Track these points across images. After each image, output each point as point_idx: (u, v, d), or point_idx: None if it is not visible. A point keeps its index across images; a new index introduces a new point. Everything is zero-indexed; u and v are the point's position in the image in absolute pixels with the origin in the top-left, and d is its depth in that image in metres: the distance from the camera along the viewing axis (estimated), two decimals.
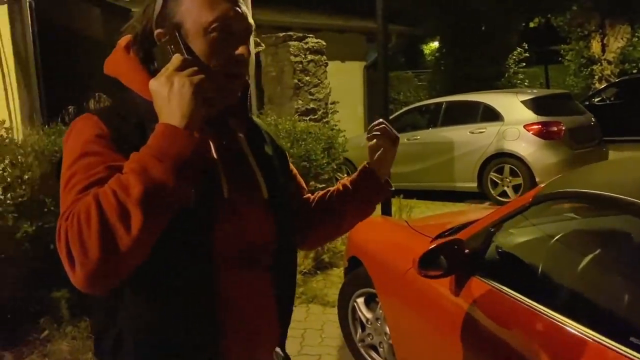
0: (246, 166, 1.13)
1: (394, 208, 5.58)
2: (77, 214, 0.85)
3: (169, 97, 0.91)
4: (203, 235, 1.01)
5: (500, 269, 1.93)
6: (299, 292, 4.18)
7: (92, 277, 0.84)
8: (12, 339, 3.15)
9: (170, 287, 1.02)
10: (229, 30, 1.01)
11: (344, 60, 10.45)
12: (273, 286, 1.14)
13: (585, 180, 1.83)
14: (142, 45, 1.05)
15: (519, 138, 6.64)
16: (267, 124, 4.52)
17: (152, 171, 0.86)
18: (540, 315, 1.65)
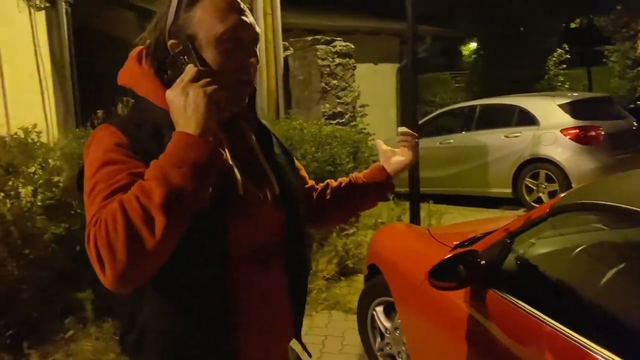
0: (257, 164, 1.19)
1: (423, 214, 5.49)
2: (104, 220, 0.91)
3: (185, 107, 0.96)
4: (217, 237, 1.06)
5: (516, 283, 1.85)
6: (321, 298, 4.15)
7: (121, 277, 0.90)
8: (38, 337, 3.22)
9: (187, 287, 1.07)
10: (238, 40, 1.07)
11: (377, 62, 10.37)
12: (286, 282, 1.20)
13: (606, 190, 1.74)
14: (155, 56, 1.09)
15: (555, 143, 6.43)
16: (292, 127, 4.53)
17: (172, 177, 0.92)
18: (556, 332, 1.57)
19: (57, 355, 3.14)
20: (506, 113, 7.14)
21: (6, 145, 3.39)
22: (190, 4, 1.06)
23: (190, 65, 1.01)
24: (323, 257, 4.45)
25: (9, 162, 3.21)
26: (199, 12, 1.06)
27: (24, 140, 3.46)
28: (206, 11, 1.05)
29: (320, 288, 4.29)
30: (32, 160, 3.32)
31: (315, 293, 4.23)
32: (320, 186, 1.47)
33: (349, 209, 1.50)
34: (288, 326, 1.23)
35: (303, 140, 4.39)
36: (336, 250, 4.65)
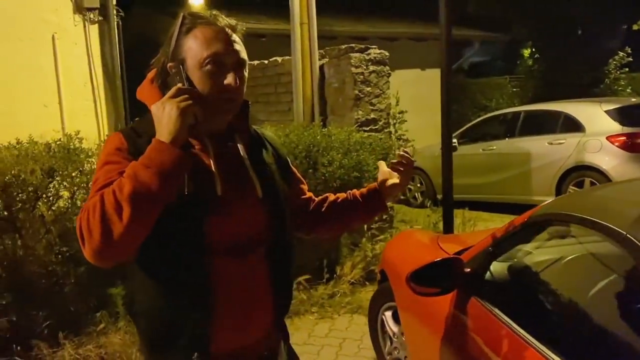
0: (243, 170, 1.35)
1: (457, 221, 5.45)
2: (87, 208, 1.12)
3: (161, 118, 1.16)
4: (196, 227, 1.24)
5: (495, 291, 1.87)
6: (344, 302, 4.23)
7: (96, 253, 1.10)
8: (74, 329, 3.47)
9: (168, 271, 1.26)
10: (220, 64, 1.25)
11: (423, 67, 10.33)
12: (268, 273, 1.35)
13: (584, 201, 1.74)
14: (160, 76, 1.30)
15: (601, 150, 6.21)
16: (321, 134, 4.63)
17: (140, 175, 1.11)
18: (524, 343, 1.60)
19: (89, 347, 3.37)
20: (551, 119, 6.96)
21: (50, 151, 3.67)
22: (185, 33, 1.26)
23: (177, 85, 1.20)
24: (348, 262, 4.52)
25: (51, 167, 3.48)
26: (190, 40, 1.25)
27: (67, 145, 3.73)
28: (195, 40, 1.25)
29: (344, 292, 4.36)
30: (72, 165, 3.58)
31: (339, 297, 4.31)
32: (318, 199, 1.60)
33: (340, 223, 1.61)
34: (267, 313, 1.36)
35: (330, 147, 4.48)
36: (365, 255, 4.71)
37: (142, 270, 1.29)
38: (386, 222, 5.41)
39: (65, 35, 5.82)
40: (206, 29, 1.25)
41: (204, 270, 1.25)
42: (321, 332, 3.83)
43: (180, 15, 1.28)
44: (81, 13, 5.88)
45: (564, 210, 1.67)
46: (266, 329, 1.37)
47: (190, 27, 1.26)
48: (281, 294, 1.39)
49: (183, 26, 1.27)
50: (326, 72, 5.75)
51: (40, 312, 3.38)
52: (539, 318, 1.70)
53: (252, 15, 9.32)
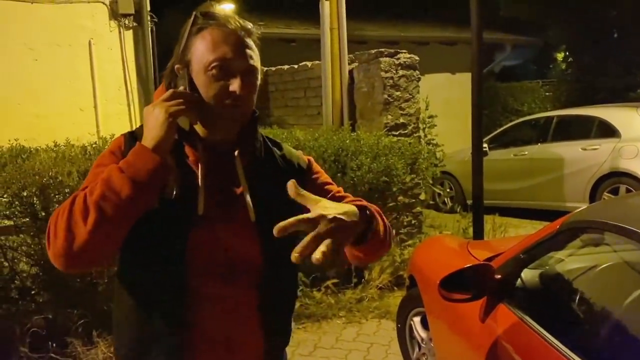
0: (237, 190, 1.21)
1: (488, 227, 5.38)
2: (59, 209, 1.06)
3: (148, 121, 1.08)
4: (175, 244, 1.14)
5: (526, 298, 1.85)
6: (372, 307, 4.22)
7: (57, 256, 1.04)
8: (107, 328, 3.54)
9: (146, 285, 1.17)
10: (226, 69, 1.14)
11: (454, 72, 10.25)
12: (257, 303, 1.21)
13: (620, 209, 1.71)
14: (168, 78, 1.23)
15: (637, 156, 6.05)
16: (350, 138, 4.64)
17: (113, 179, 1.03)
18: (555, 352, 1.57)
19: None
20: (584, 124, 6.82)
21: (86, 153, 3.77)
22: (195, 33, 1.17)
23: (180, 87, 1.15)
24: (377, 267, 4.51)
25: (87, 169, 3.58)
26: (197, 41, 1.16)
27: (102, 148, 3.83)
28: (203, 41, 1.15)
29: (372, 297, 4.35)
30: None
31: (367, 302, 4.30)
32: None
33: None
34: (255, 346, 1.23)
35: (359, 151, 4.48)
36: (393, 259, 4.69)
37: (119, 281, 1.22)
38: (415, 227, 5.38)
39: (101, 40, 5.99)
40: (216, 31, 1.15)
41: (182, 290, 1.15)
42: (349, 337, 3.83)
43: (193, 14, 1.19)
44: (116, 19, 6.04)
45: (598, 217, 1.65)
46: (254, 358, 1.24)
47: (201, 27, 1.17)
48: (272, 328, 1.24)
49: (194, 26, 1.17)
50: (355, 77, 5.77)
51: (75, 310, 3.47)
52: (571, 326, 1.67)
53: (283, 20, 9.41)
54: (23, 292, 3.56)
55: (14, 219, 3.44)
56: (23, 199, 3.36)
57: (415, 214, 5.35)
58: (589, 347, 1.55)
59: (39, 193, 3.38)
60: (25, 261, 3.63)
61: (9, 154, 3.71)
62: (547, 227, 1.86)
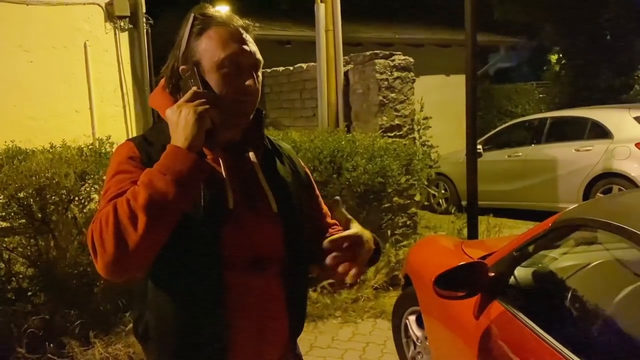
0: (257, 183, 1.28)
1: (482, 228, 5.42)
2: (100, 218, 1.07)
3: (177, 123, 1.10)
4: (209, 240, 1.18)
5: (519, 295, 1.88)
6: (367, 307, 4.25)
7: (109, 266, 1.05)
8: (104, 328, 3.57)
9: (182, 285, 1.20)
10: (237, 65, 1.20)
11: (448, 74, 10.30)
12: (283, 290, 1.28)
13: (610, 207, 1.74)
14: (171, 80, 1.25)
15: (629, 157, 6.11)
16: (346, 140, 4.67)
17: (156, 182, 1.06)
18: (548, 348, 1.60)
19: (118, 345, 3.46)
20: (578, 126, 6.88)
21: (83, 155, 3.79)
22: (198, 34, 1.21)
23: (193, 88, 1.15)
24: (372, 267, 4.54)
25: (84, 170, 3.59)
26: (204, 41, 1.20)
27: (98, 150, 3.85)
28: (210, 40, 1.19)
29: (368, 297, 4.38)
30: (103, 169, 3.68)
31: (363, 302, 4.33)
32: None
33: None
34: (282, 332, 1.30)
35: (355, 152, 4.51)
36: (388, 260, 4.72)
37: (155, 287, 1.23)
38: (410, 228, 5.41)
39: (97, 42, 6.00)
40: (221, 30, 1.20)
41: (219, 285, 1.19)
42: (345, 336, 3.86)
43: (191, 16, 1.22)
44: (112, 21, 6.06)
45: (588, 215, 1.68)
46: (281, 347, 1.31)
47: (203, 27, 1.20)
48: (296, 313, 1.32)
49: (194, 27, 1.21)
50: (351, 78, 5.80)
51: (72, 311, 3.48)
52: (564, 323, 1.70)
53: (278, 22, 9.43)
54: (20, 293, 3.56)
55: (10, 220, 3.45)
56: (20, 200, 3.37)
57: (410, 215, 5.38)
58: (581, 343, 1.58)
59: (36, 194, 3.39)
60: (22, 262, 3.64)
61: (5, 156, 3.72)
62: (539, 225, 1.90)
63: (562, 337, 1.59)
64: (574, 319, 1.73)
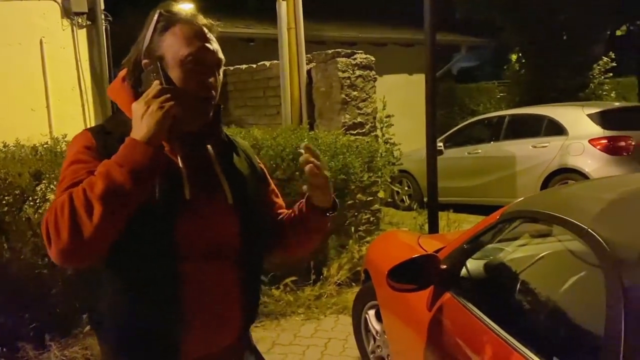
0: (213, 175, 1.31)
1: (442, 223, 5.52)
2: (56, 207, 1.09)
3: (142, 117, 1.14)
4: (164, 230, 1.21)
5: (470, 287, 1.93)
6: (330, 303, 4.27)
7: (62, 253, 1.08)
8: (60, 331, 3.49)
9: (138, 275, 1.23)
10: (200, 62, 1.23)
11: (411, 72, 10.43)
12: (237, 280, 1.31)
13: (552, 199, 1.80)
14: (133, 73, 1.27)
15: (583, 153, 6.32)
16: (308, 137, 4.68)
17: (113, 174, 1.09)
18: (497, 338, 1.65)
19: (75, 348, 3.40)
20: (535, 123, 7.07)
21: (37, 154, 3.70)
22: (163, 29, 1.24)
23: (156, 82, 1.18)
24: (335, 263, 4.57)
25: (38, 170, 3.51)
26: (169, 37, 1.23)
27: (54, 149, 3.76)
28: (175, 37, 1.22)
29: (330, 293, 4.41)
30: (59, 168, 3.60)
31: (326, 298, 4.36)
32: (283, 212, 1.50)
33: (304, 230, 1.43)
34: (236, 320, 1.33)
35: (317, 150, 4.52)
36: (351, 256, 4.76)
37: (110, 276, 1.25)
38: (373, 225, 5.47)
39: (53, 39, 5.85)
40: (185, 27, 1.23)
41: (174, 275, 1.21)
42: (307, 333, 3.88)
43: (157, 12, 1.25)
44: (69, 17, 5.91)
45: (533, 207, 1.74)
46: (233, 338, 1.34)
47: (167, 24, 1.23)
48: (249, 302, 1.36)
49: (159, 23, 1.23)
50: (314, 77, 5.82)
51: (26, 314, 3.40)
52: (511, 313, 1.76)
53: (241, 19, 9.38)
54: None
55: None
56: None
57: (373, 212, 5.43)
58: (528, 333, 1.63)
59: None
60: None
61: None
62: (488, 218, 1.95)
63: (509, 327, 1.64)
64: (521, 310, 1.79)
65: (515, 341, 1.57)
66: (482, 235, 1.93)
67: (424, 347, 2.12)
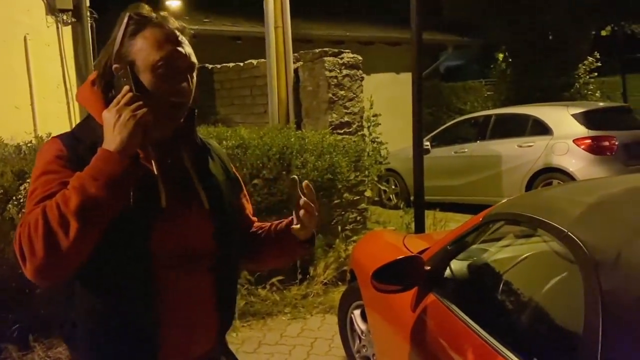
0: (189, 181, 1.29)
1: (429, 222, 5.56)
2: (28, 223, 1.06)
3: (114, 126, 1.10)
4: (140, 238, 1.19)
5: (453, 288, 1.95)
6: (317, 302, 4.29)
7: (38, 271, 1.05)
8: (44, 332, 3.46)
9: (112, 282, 1.20)
10: (172, 67, 1.20)
11: (398, 71, 10.46)
12: (213, 286, 1.30)
13: (533, 201, 1.83)
14: (103, 77, 1.23)
15: (568, 153, 6.40)
16: (295, 136, 4.69)
17: (88, 187, 1.06)
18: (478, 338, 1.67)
19: (59, 349, 3.37)
20: (520, 123, 7.14)
21: (21, 153, 3.66)
22: (133, 33, 1.20)
23: (126, 88, 1.15)
24: (322, 262, 4.58)
25: (21, 169, 3.48)
26: (139, 41, 1.19)
27: (38, 148, 3.73)
28: (145, 41, 1.19)
29: (317, 292, 4.42)
30: None
31: (312, 297, 4.37)
32: (258, 224, 1.50)
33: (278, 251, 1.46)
34: (213, 326, 1.32)
35: (304, 149, 4.54)
36: (338, 255, 4.77)
37: (83, 286, 1.22)
38: (360, 224, 5.49)
39: (38, 36, 5.78)
40: (156, 31, 1.19)
41: (149, 281, 1.20)
42: (293, 332, 3.89)
43: (126, 15, 1.21)
44: (54, 14, 5.85)
45: (514, 209, 1.76)
46: (209, 344, 1.33)
47: (137, 27, 1.19)
48: (225, 308, 1.34)
49: (129, 26, 1.20)
50: (301, 76, 5.82)
51: (10, 315, 3.37)
52: (493, 314, 1.78)
53: (229, 17, 9.34)
54: None
55: None
56: None
57: (360, 211, 5.45)
58: (508, 333, 1.65)
59: None
60: None
61: None
62: (472, 219, 1.97)
63: (491, 328, 1.66)
64: (503, 311, 1.81)
65: (496, 342, 1.59)
66: (465, 237, 1.95)
67: (408, 347, 2.14)
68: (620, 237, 1.39)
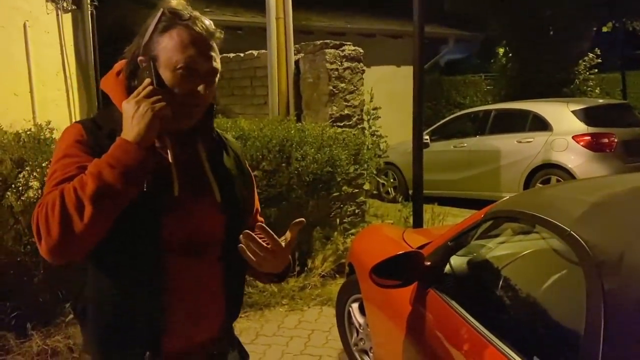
0: (202, 173, 1.32)
1: (427, 216, 5.56)
2: (46, 203, 1.11)
3: (133, 117, 1.15)
4: (151, 224, 1.22)
5: (453, 284, 1.96)
6: (314, 294, 4.30)
7: (52, 250, 1.11)
8: (42, 320, 3.47)
9: (123, 265, 1.25)
10: (192, 70, 1.22)
11: (399, 64, 10.43)
12: (222, 275, 1.33)
13: (536, 199, 1.83)
14: (129, 67, 1.27)
15: (567, 149, 6.40)
16: (295, 129, 4.68)
17: (105, 175, 1.11)
18: (478, 335, 1.67)
19: (58, 337, 3.37)
20: (520, 118, 7.14)
21: (20, 140, 3.64)
22: (163, 30, 1.22)
23: (147, 81, 1.19)
24: (320, 255, 4.59)
25: (21, 157, 3.46)
26: (166, 39, 1.22)
27: (37, 136, 3.71)
28: (171, 41, 1.21)
29: (315, 284, 4.44)
30: (42, 155, 3.56)
31: (310, 289, 4.38)
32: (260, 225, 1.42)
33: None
34: (218, 315, 1.35)
35: (304, 142, 4.53)
36: (336, 248, 4.78)
37: (96, 267, 1.27)
38: (358, 217, 5.50)
39: (37, 23, 5.73)
40: (184, 32, 1.21)
41: (158, 267, 1.24)
42: (291, 324, 3.90)
43: (160, 10, 1.23)
44: (54, 1, 5.81)
45: (516, 207, 1.76)
46: (216, 330, 1.36)
47: (167, 25, 1.22)
48: (233, 296, 1.38)
49: (160, 22, 1.22)
50: (301, 67, 5.80)
51: (7, 302, 3.37)
52: (493, 310, 1.78)
53: (230, 7, 9.29)
54: None
55: None
56: None
57: (358, 204, 5.46)
58: (509, 331, 1.66)
59: None
60: None
61: None
62: (473, 216, 1.97)
63: (490, 325, 1.66)
64: (503, 308, 1.81)
65: (496, 339, 1.59)
66: (466, 233, 1.95)
67: (406, 342, 2.15)
68: (624, 237, 1.39)
